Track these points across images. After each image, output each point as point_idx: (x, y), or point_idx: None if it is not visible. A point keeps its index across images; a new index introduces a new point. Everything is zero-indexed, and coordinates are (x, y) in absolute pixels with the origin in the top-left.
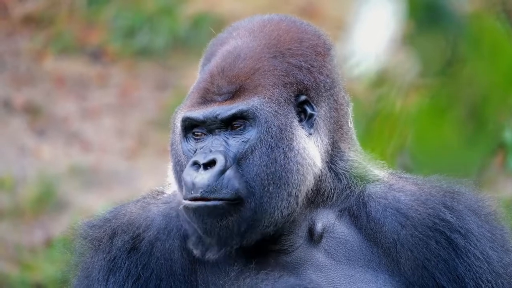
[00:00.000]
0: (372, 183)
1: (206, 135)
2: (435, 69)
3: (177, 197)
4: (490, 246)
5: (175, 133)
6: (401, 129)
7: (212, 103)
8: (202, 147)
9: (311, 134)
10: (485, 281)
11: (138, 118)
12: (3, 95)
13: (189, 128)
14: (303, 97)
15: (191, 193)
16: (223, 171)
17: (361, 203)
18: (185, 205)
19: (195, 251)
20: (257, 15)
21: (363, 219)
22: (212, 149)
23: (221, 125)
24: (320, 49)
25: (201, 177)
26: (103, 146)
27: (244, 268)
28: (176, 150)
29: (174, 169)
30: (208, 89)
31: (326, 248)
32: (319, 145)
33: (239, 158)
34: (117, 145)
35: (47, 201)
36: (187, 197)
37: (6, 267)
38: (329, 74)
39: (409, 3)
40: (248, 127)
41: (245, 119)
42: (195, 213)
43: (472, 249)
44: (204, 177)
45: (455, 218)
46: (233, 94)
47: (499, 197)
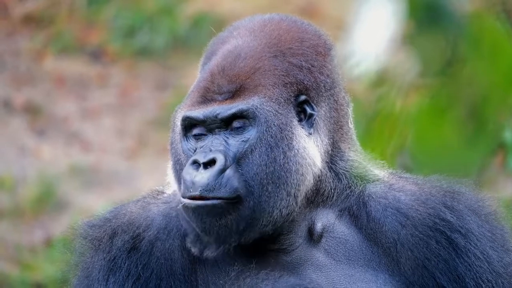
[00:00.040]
0: (372, 183)
1: (206, 134)
2: (435, 69)
3: (177, 196)
4: (490, 246)
5: (175, 132)
6: (401, 129)
7: (212, 102)
8: (202, 147)
9: (311, 134)
10: (486, 280)
11: (138, 118)
12: (3, 95)
13: (189, 127)
14: (303, 97)
15: (190, 191)
16: (223, 170)
17: (361, 203)
18: (184, 204)
19: (193, 249)
20: (258, 14)
21: (363, 219)
22: (212, 148)
23: (221, 125)
24: (320, 49)
25: (201, 176)
26: (103, 146)
27: (244, 268)
28: (176, 149)
29: (173, 168)
30: (208, 88)
31: (326, 247)
32: (319, 145)
33: (239, 157)
34: (117, 145)
35: (47, 201)
36: (186, 195)
37: (6, 267)
38: (329, 74)
39: (409, 3)
40: (248, 127)
41: (245, 118)
42: (194, 212)
43: (472, 249)
44: (204, 176)
45: (455, 218)
46: (233, 93)
47: (499, 197)
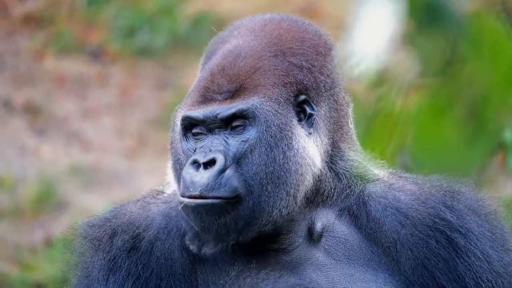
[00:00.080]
0: (372, 182)
1: (206, 134)
2: (435, 69)
3: (176, 196)
4: (490, 245)
5: (175, 132)
6: (401, 129)
7: (212, 102)
8: (201, 146)
9: (310, 133)
10: (485, 280)
11: (138, 117)
12: (3, 95)
13: (189, 127)
14: (303, 97)
15: (190, 191)
16: (223, 170)
17: (361, 202)
18: (183, 202)
19: (191, 246)
20: (258, 14)
21: (363, 219)
22: (212, 148)
23: (221, 125)
24: (321, 49)
25: (201, 176)
26: (103, 145)
27: (244, 267)
28: (175, 148)
29: (173, 167)
30: (208, 88)
31: (326, 247)
32: (319, 144)
33: (239, 157)
34: (117, 145)
35: (47, 201)
36: (185, 194)
37: (6, 267)
38: (329, 74)
39: (409, 3)
40: (247, 127)
41: (245, 118)
42: (193, 211)
43: (472, 248)
44: (204, 176)
45: (455, 217)
46: (233, 93)
47: (499, 197)
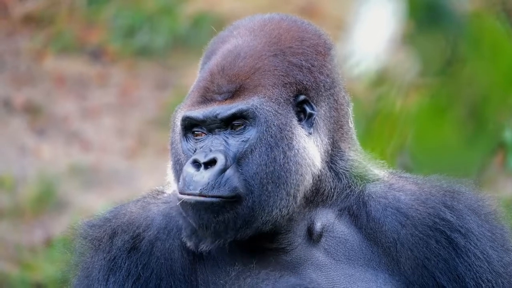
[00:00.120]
0: (372, 182)
1: (206, 134)
2: (435, 69)
3: (175, 193)
4: (490, 245)
5: (175, 132)
6: (401, 129)
7: (212, 102)
8: (202, 147)
9: (310, 133)
10: (485, 280)
11: (138, 117)
12: (3, 95)
13: (189, 127)
14: (303, 97)
15: (190, 189)
16: (223, 170)
17: (361, 202)
18: (182, 199)
19: (188, 243)
20: (258, 14)
21: (363, 219)
22: (212, 148)
23: (221, 125)
24: (320, 49)
25: (201, 176)
26: (103, 145)
27: (244, 267)
28: (176, 149)
29: (173, 168)
30: (208, 88)
31: (325, 247)
32: (319, 144)
33: (239, 157)
34: (117, 145)
35: (47, 201)
36: (185, 192)
37: (6, 267)
38: (329, 74)
39: (409, 3)
40: (248, 127)
41: (245, 118)
42: (193, 208)
43: (472, 248)
44: (204, 176)
45: (455, 217)
46: (233, 93)
47: (499, 197)
